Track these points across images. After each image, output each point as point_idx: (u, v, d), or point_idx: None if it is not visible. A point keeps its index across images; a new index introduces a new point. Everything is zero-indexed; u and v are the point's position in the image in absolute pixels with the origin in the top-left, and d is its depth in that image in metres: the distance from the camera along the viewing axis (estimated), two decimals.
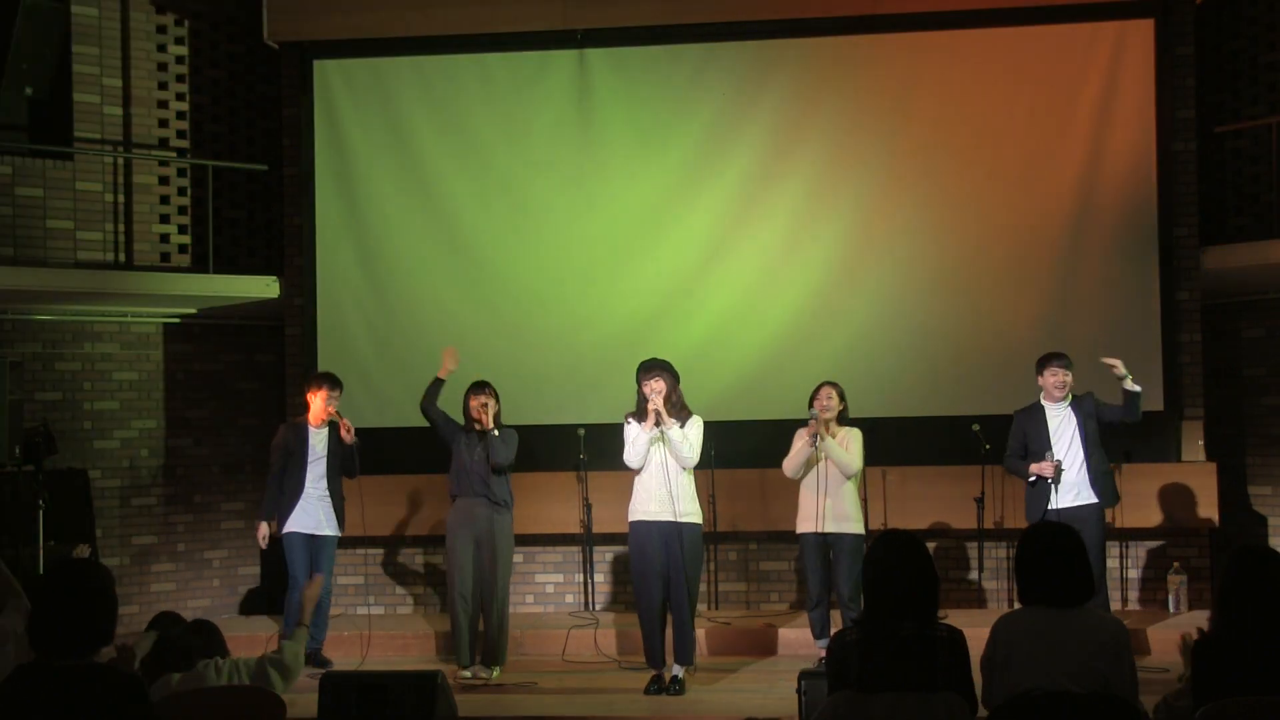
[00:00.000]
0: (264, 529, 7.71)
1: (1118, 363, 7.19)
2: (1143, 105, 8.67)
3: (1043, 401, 7.33)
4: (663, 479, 6.85)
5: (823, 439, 7.13)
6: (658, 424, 6.86)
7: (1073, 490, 7.17)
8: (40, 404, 8.75)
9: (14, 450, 7.72)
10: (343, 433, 7.58)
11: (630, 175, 9.02)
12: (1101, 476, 7.22)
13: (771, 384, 8.72)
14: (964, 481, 8.25)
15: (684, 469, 6.93)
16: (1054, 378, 7.24)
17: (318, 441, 7.66)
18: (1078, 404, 7.28)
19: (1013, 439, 7.42)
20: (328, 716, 4.87)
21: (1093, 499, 7.17)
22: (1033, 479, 7.23)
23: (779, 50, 8.97)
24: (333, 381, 7.75)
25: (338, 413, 7.62)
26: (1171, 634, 7.56)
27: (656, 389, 6.86)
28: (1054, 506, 7.09)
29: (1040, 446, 7.23)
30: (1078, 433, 7.21)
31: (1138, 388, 7.21)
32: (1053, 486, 7.14)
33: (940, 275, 8.80)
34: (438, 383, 7.49)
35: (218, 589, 9.54)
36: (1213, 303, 8.99)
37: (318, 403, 7.65)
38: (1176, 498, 8.40)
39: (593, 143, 9.05)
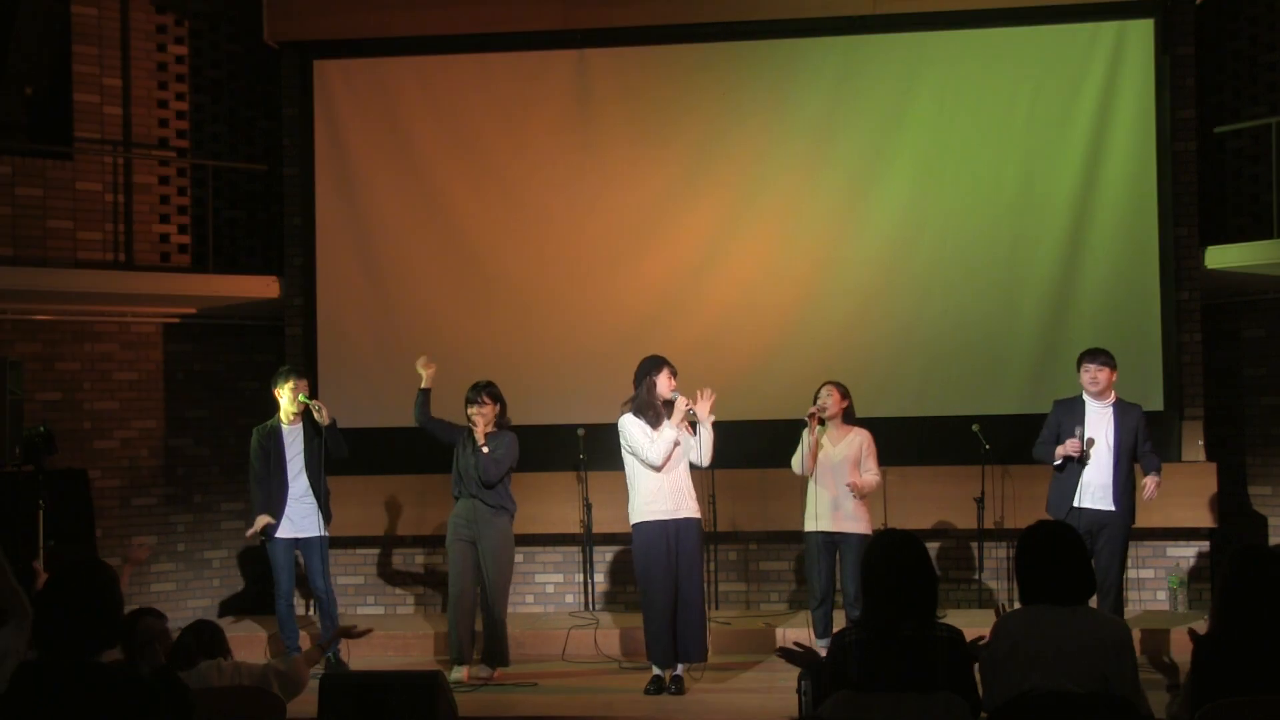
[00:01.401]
0: (262, 519, 7.56)
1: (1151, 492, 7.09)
2: (1143, 105, 8.67)
3: (1084, 397, 7.18)
4: (677, 477, 6.89)
5: (813, 432, 7.19)
6: (692, 424, 6.89)
7: (1099, 493, 7.01)
8: (40, 404, 8.75)
9: (14, 450, 7.72)
10: (315, 414, 7.48)
11: (630, 175, 9.03)
12: (1127, 488, 7.04)
13: (771, 384, 8.72)
14: (964, 481, 8.25)
15: (703, 466, 6.99)
16: (1086, 375, 7.10)
17: (293, 439, 7.60)
18: (1122, 409, 7.10)
19: (1046, 428, 7.25)
20: (328, 716, 4.86)
21: (1118, 506, 7.00)
22: (1058, 462, 7.09)
23: (778, 50, 8.97)
24: (298, 373, 7.70)
25: (307, 398, 7.53)
26: (1169, 634, 7.59)
27: (676, 387, 6.88)
28: (1084, 506, 6.96)
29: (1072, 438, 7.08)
30: (1113, 437, 7.04)
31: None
32: (1080, 473, 6.98)
33: (940, 275, 8.80)
34: (424, 393, 7.44)
35: (218, 589, 9.54)
36: (1213, 303, 8.98)
37: (286, 395, 7.56)
38: (1176, 498, 8.38)
39: (593, 143, 9.05)
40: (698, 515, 6.97)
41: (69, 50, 9.11)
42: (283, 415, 7.61)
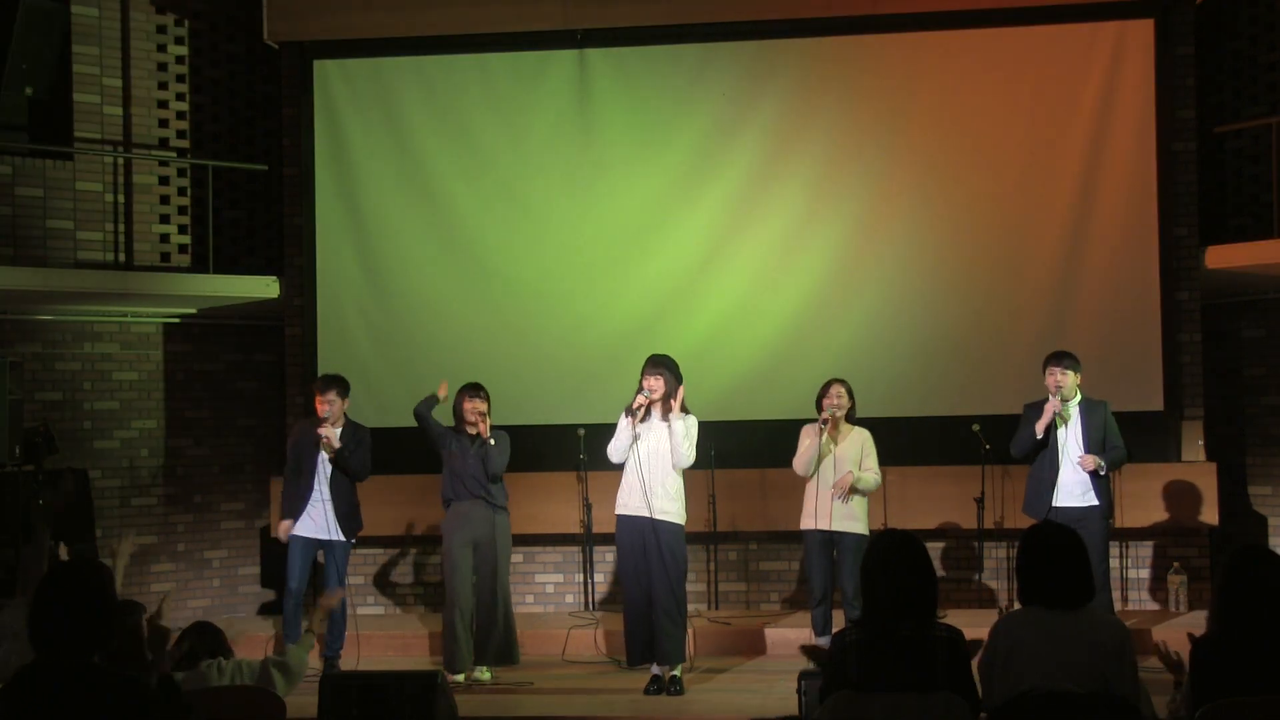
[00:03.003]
0: (283, 525, 7.56)
1: (1092, 464, 7.10)
2: (1143, 105, 8.67)
3: (1051, 399, 7.26)
4: (638, 477, 6.86)
5: (833, 438, 7.17)
6: (643, 419, 6.87)
7: (1075, 490, 7.13)
8: (40, 404, 8.75)
9: (14, 450, 7.72)
10: (324, 448, 7.39)
11: (630, 175, 9.02)
12: (1103, 482, 7.16)
13: (772, 383, 8.72)
14: (964, 481, 8.24)
15: (676, 467, 6.91)
16: (1051, 379, 7.18)
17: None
18: (1089, 407, 7.21)
19: (1021, 429, 7.34)
20: (328, 716, 4.87)
21: (1094, 501, 7.14)
22: (1042, 435, 7.15)
23: (779, 50, 8.97)
24: (325, 383, 7.56)
25: (322, 431, 7.36)
26: (1170, 634, 7.59)
27: (653, 387, 6.86)
28: (1060, 505, 7.06)
29: (1042, 439, 7.19)
30: (1082, 434, 7.16)
31: (1103, 471, 7.14)
32: (1056, 474, 7.08)
33: (940, 275, 8.80)
34: (434, 399, 7.39)
35: (218, 589, 9.54)
36: (1213, 303, 8.98)
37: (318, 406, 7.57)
38: (1176, 498, 8.40)
39: (593, 143, 9.05)
40: (674, 519, 6.90)
41: (69, 50, 9.11)
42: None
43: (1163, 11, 8.71)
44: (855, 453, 7.28)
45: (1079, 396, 7.24)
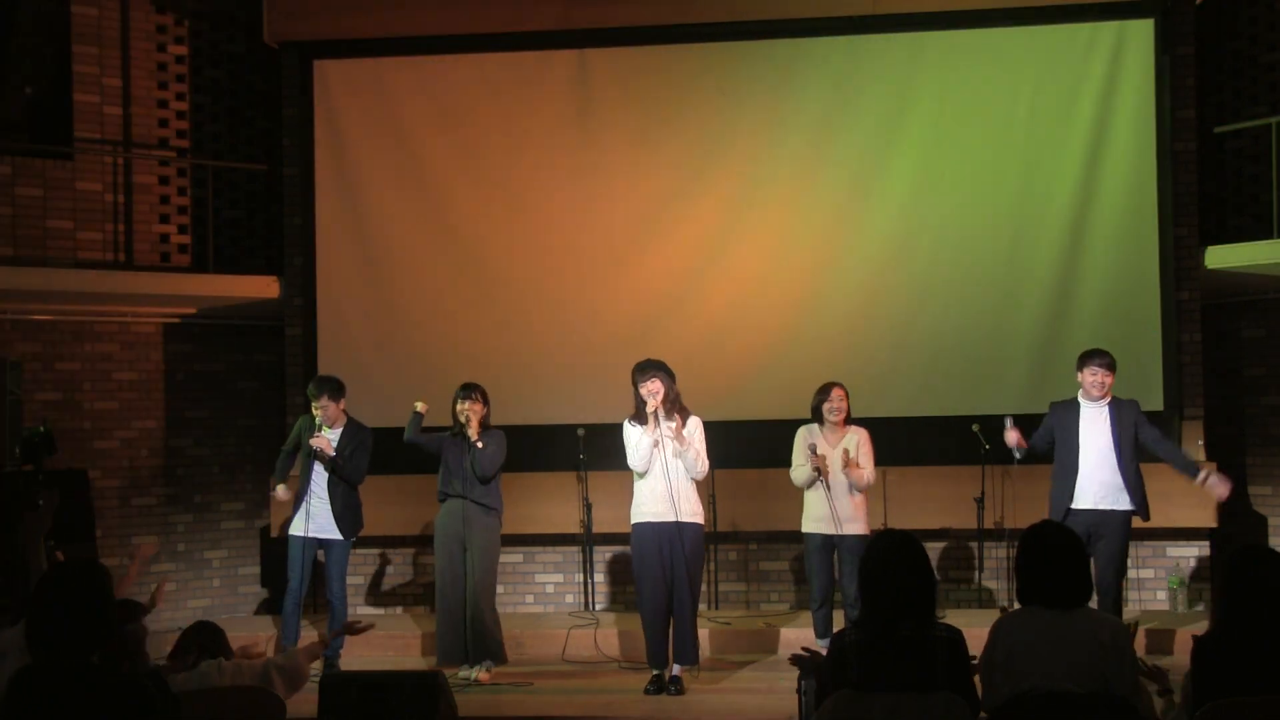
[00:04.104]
0: (278, 490, 7.64)
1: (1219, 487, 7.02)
2: (1143, 105, 8.68)
3: (1080, 399, 7.10)
4: (665, 481, 6.85)
5: (827, 474, 7.13)
6: (658, 425, 6.87)
7: (1102, 493, 6.94)
8: (40, 404, 8.74)
9: (14, 450, 7.71)
10: (317, 455, 7.40)
11: (630, 175, 9.03)
12: (1136, 484, 6.94)
13: (771, 383, 8.72)
14: (964, 481, 8.24)
15: (697, 479, 6.95)
16: (1093, 377, 6.99)
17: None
18: (1117, 406, 7.01)
19: (1041, 427, 7.18)
20: (328, 716, 4.87)
21: (1122, 505, 6.92)
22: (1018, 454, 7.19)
23: (779, 50, 8.97)
24: (315, 388, 7.51)
25: (320, 434, 7.37)
26: (1169, 634, 7.59)
27: (654, 390, 6.85)
28: (1082, 507, 6.92)
29: (1068, 439, 7.01)
30: (1111, 434, 6.94)
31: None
32: (1076, 475, 6.94)
33: (940, 275, 8.80)
34: (417, 416, 7.40)
35: (218, 589, 9.54)
36: (1213, 303, 8.98)
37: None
38: (1176, 498, 8.37)
39: (592, 142, 9.05)
40: (696, 520, 6.93)
41: (69, 50, 9.11)
42: None
43: (1163, 11, 8.72)
44: (851, 453, 7.27)
45: (1110, 397, 7.06)
